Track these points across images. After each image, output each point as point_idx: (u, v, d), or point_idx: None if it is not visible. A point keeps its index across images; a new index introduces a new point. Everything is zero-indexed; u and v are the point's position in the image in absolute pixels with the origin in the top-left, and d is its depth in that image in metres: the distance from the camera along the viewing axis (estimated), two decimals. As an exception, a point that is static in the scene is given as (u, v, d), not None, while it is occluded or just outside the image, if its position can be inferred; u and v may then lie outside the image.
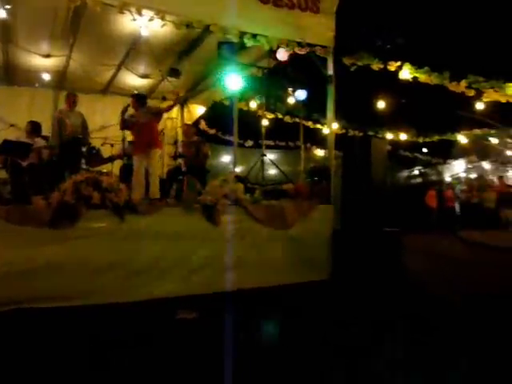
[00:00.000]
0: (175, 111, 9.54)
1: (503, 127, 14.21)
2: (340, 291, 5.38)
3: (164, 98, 9.28)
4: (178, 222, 4.94)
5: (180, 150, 7.65)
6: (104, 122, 8.20)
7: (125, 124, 6.30)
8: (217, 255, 5.07)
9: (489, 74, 6.38)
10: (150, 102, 8.93)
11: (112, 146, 7.50)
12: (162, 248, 4.77)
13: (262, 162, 7.39)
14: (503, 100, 6.66)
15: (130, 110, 6.36)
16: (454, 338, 3.98)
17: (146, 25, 5.56)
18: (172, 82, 7.68)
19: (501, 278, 7.07)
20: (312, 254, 5.77)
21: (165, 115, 9.09)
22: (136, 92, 7.10)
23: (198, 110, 9.61)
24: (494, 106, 8.99)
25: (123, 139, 7.52)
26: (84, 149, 6.94)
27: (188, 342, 3.72)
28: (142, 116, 6.24)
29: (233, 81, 6.17)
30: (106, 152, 7.52)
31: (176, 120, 9.33)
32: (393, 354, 3.54)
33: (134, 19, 5.39)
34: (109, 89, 8.74)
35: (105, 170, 7.06)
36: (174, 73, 7.32)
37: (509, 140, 15.77)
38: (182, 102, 9.57)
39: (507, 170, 18.23)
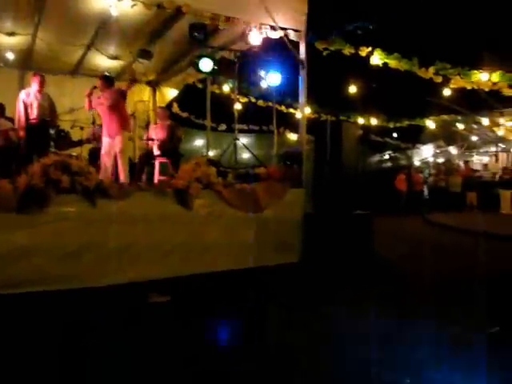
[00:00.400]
0: (147, 94, 9.40)
1: (469, 113, 14.62)
2: (310, 273, 5.51)
3: (135, 81, 9.16)
4: (150, 206, 4.92)
5: (152, 133, 7.55)
6: (73, 104, 7.98)
7: (91, 106, 6.19)
8: (189, 239, 5.09)
9: (455, 62, 6.55)
10: (121, 85, 8.80)
11: (82, 128, 7.34)
12: (134, 232, 4.75)
13: (235, 145, 7.39)
14: (469, 86, 6.87)
15: (98, 92, 6.23)
16: (413, 312, 4.16)
17: (116, 4, 5.43)
18: (143, 64, 7.55)
19: (463, 257, 7.45)
20: (284, 237, 5.86)
21: (135, 98, 8.99)
22: (106, 73, 6.95)
23: (171, 92, 9.48)
24: (461, 93, 9.26)
25: (93, 122, 7.38)
26: (52, 131, 6.77)
27: (160, 325, 3.76)
28: (109, 98, 6.12)
29: (205, 64, 6.13)
30: (76, 135, 7.36)
31: (148, 103, 9.18)
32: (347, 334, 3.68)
33: (103, -3, 5.27)
34: (78, 70, 8.50)
35: (74, 154, 6.92)
36: (145, 54, 7.18)
37: (474, 126, 16.25)
38: (154, 85, 9.41)
39: (472, 155, 18.85)
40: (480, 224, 10.87)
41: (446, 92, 8.41)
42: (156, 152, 7.28)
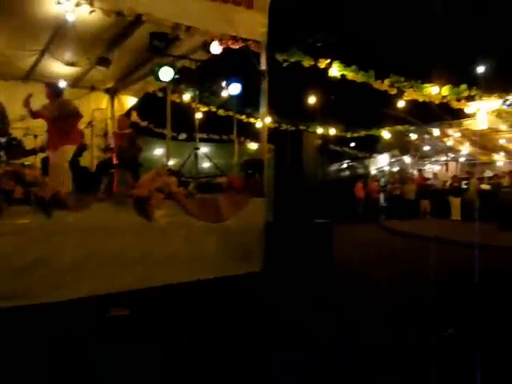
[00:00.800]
0: (105, 102, 9.20)
1: (421, 124, 15.28)
2: (272, 283, 5.54)
3: (93, 88, 8.95)
4: (109, 216, 4.80)
5: (111, 142, 7.38)
6: (25, 111, 7.67)
7: (34, 115, 5.85)
8: (150, 250, 5.00)
9: (409, 75, 6.85)
10: (78, 92, 8.56)
11: (35, 137, 7.07)
12: (92, 244, 4.61)
13: (196, 155, 7.35)
14: (421, 99, 7.19)
15: (44, 100, 5.98)
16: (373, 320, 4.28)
17: (73, 10, 5.30)
18: (101, 71, 7.39)
19: (415, 261, 7.74)
20: (246, 247, 5.87)
21: (92, 106, 8.76)
22: (53, 81, 6.69)
23: (130, 101, 9.33)
24: (413, 104, 9.67)
25: (47, 130, 7.12)
26: (3, 140, 6.47)
27: (120, 340, 3.65)
28: (52, 109, 5.85)
29: (165, 72, 6.08)
30: (29, 144, 7.07)
31: (105, 111, 8.98)
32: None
33: (59, 3, 5.12)
34: (31, 76, 8.19)
35: (27, 163, 6.64)
36: (104, 62, 7.04)
37: (426, 136, 16.98)
38: (112, 93, 9.23)
39: (425, 164, 19.68)
40: (432, 230, 11.35)
41: (400, 104, 8.76)
42: (115, 161, 7.11)
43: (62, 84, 7.25)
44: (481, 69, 12.46)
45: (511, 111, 11.93)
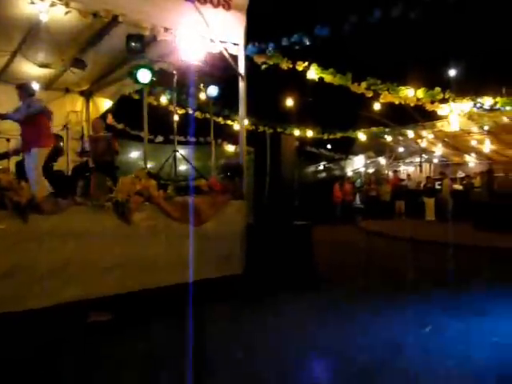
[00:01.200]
0: (79, 104, 9.02)
1: (396, 126, 15.59)
2: (252, 285, 5.54)
3: (67, 90, 8.77)
4: (87, 220, 4.70)
5: (87, 145, 7.23)
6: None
7: (1, 116, 5.61)
8: (130, 254, 4.93)
9: (385, 78, 6.97)
10: (52, 94, 8.38)
11: (8, 140, 6.87)
12: (70, 249, 4.51)
13: (175, 157, 7.28)
14: (396, 101, 7.33)
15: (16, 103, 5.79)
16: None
17: (47, 10, 5.18)
18: (76, 73, 7.24)
19: (393, 261, 7.92)
20: (226, 250, 5.85)
21: (67, 108, 8.57)
22: (24, 82, 6.51)
23: (105, 103, 9.18)
24: (389, 107, 9.84)
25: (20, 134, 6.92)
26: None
27: (101, 345, 3.59)
28: (24, 108, 5.64)
29: (143, 74, 6.01)
30: (1, 147, 6.87)
31: (80, 114, 8.81)
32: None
33: (33, 2, 5.00)
34: (2, 77, 7.96)
35: (0, 167, 6.44)
36: (79, 63, 6.91)
37: (400, 138, 17.32)
38: (87, 95, 9.06)
39: (399, 165, 20.06)
40: (407, 231, 11.59)
41: (376, 106, 8.90)
42: (91, 165, 6.98)
43: (35, 86, 7.08)
44: (454, 72, 12.82)
45: (482, 113, 12.33)
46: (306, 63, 6.38)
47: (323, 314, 4.59)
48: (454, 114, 10.99)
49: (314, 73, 6.47)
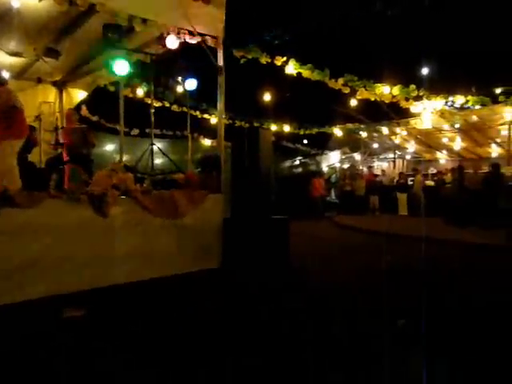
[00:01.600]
0: (52, 95, 8.79)
1: (371, 122, 15.83)
2: (229, 279, 5.56)
3: (39, 80, 8.53)
4: (62, 214, 4.61)
5: (61, 137, 7.06)
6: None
7: None
8: (106, 248, 4.87)
9: (361, 75, 7.06)
10: (23, 84, 8.14)
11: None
12: (44, 243, 4.42)
13: (152, 151, 7.21)
14: (372, 98, 7.44)
15: None
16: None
17: (20, -4, 5.03)
18: (49, 63, 7.05)
19: (363, 254, 8.07)
20: (203, 243, 5.85)
21: (39, 99, 8.34)
22: (5, 71, 6.35)
23: (79, 94, 8.97)
24: (364, 103, 9.99)
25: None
26: None
27: (74, 343, 3.53)
28: None
29: (118, 66, 5.90)
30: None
31: (53, 105, 8.58)
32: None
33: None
34: (-31, 66, 7.68)
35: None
36: (52, 53, 6.73)
37: (375, 134, 17.61)
38: (61, 86, 8.83)
39: (374, 161, 20.40)
40: (381, 225, 11.83)
41: (353, 102, 9.01)
42: (65, 157, 6.83)
43: (6, 75, 6.87)
44: (428, 71, 13.11)
45: (453, 112, 12.67)
46: (285, 58, 6.39)
47: (296, 306, 4.65)
48: (427, 111, 11.26)
49: (292, 68, 6.49)
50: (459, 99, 8.55)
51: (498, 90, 10.11)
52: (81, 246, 4.69)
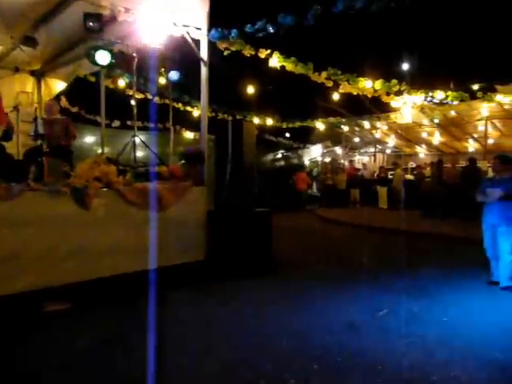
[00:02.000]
0: (30, 85, 8.57)
1: (352, 117, 15.96)
2: (213, 270, 5.58)
3: (17, 69, 8.31)
4: (43, 206, 4.52)
5: (41, 128, 6.89)
6: None
7: None
8: (89, 241, 4.80)
9: (344, 69, 7.10)
10: (0, 72, 7.92)
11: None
12: (25, 236, 4.33)
13: (134, 143, 7.11)
14: (355, 92, 7.49)
15: None
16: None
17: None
18: (27, 52, 6.87)
19: (347, 246, 8.20)
20: (187, 236, 5.83)
21: (17, 89, 8.14)
22: None
23: (58, 85, 8.77)
24: (346, 97, 10.05)
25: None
26: None
27: (58, 335, 3.50)
28: None
29: (102, 56, 5.80)
30: None
31: (31, 95, 8.37)
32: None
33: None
34: None
35: None
36: (30, 41, 6.55)
37: (356, 128, 17.77)
38: (39, 75, 8.62)
39: (355, 155, 20.60)
40: (361, 218, 12.00)
41: (335, 96, 9.05)
42: (45, 149, 6.67)
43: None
44: (409, 66, 13.26)
45: (433, 107, 12.88)
46: (269, 51, 6.38)
47: (279, 297, 4.70)
48: (408, 106, 11.41)
49: (276, 61, 6.48)
50: (439, 94, 8.68)
51: (476, 87, 10.31)
52: (62, 238, 4.61)
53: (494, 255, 5.24)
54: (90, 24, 5.55)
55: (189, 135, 15.10)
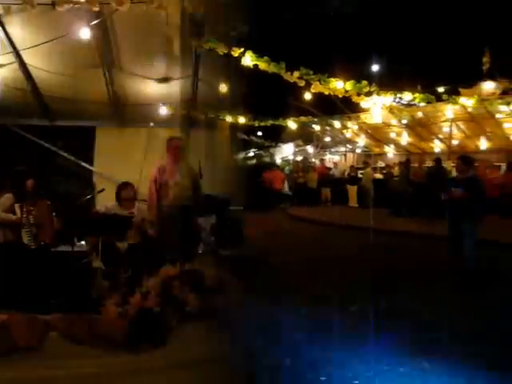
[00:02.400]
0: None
1: (323, 116, 16.18)
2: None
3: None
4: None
5: None
6: None
7: None
8: None
9: (316, 69, 7.21)
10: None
11: None
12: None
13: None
14: (326, 92, 7.61)
15: None
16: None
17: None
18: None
19: (319, 244, 8.38)
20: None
21: None
22: None
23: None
24: (317, 97, 10.19)
25: None
26: None
27: None
28: None
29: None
30: None
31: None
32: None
33: None
34: None
35: None
36: None
37: (327, 128, 18.03)
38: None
39: (326, 154, 20.91)
40: (332, 216, 12.23)
41: (307, 96, 9.14)
42: None
43: None
44: (379, 68, 13.58)
45: (401, 108, 13.24)
46: (242, 49, 6.41)
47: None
48: (377, 107, 11.68)
49: (249, 59, 6.52)
50: (407, 96, 8.91)
51: (441, 89, 10.65)
52: None
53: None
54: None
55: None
